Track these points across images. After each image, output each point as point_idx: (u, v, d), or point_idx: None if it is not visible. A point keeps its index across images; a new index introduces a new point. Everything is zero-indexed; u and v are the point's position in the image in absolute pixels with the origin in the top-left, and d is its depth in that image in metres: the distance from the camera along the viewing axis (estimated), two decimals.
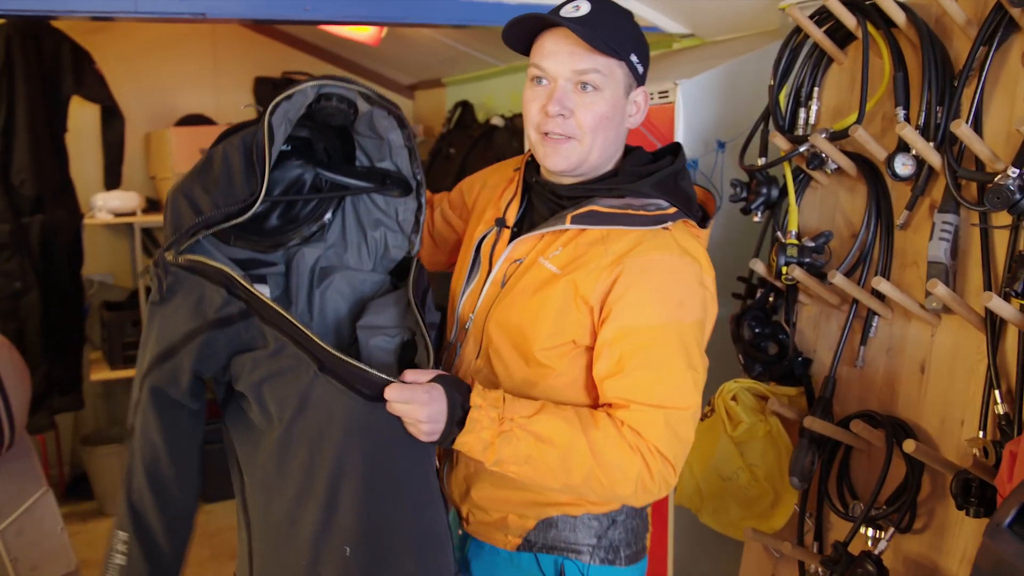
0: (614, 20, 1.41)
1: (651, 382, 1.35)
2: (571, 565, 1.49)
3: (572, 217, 1.42)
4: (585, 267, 1.39)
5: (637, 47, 1.43)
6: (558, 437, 1.33)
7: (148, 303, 1.39)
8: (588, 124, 1.40)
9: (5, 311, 3.84)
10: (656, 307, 1.37)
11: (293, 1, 2.38)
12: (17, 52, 3.68)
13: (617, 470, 1.33)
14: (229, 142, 1.44)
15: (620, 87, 1.42)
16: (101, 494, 4.20)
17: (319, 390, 1.32)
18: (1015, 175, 1.49)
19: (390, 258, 1.62)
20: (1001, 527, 1.03)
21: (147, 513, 1.39)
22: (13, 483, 2.37)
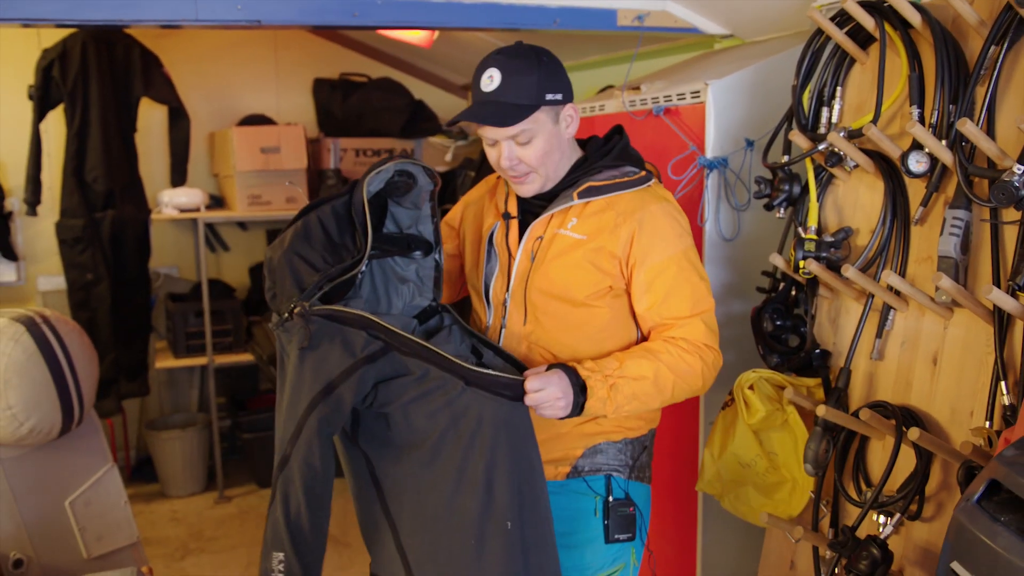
0: (522, 79, 1.70)
1: (682, 299, 1.74)
2: (615, 480, 1.83)
3: (577, 194, 1.77)
4: (605, 229, 1.75)
5: (549, 85, 1.72)
6: (645, 371, 1.69)
7: (295, 349, 1.58)
8: (535, 161, 1.75)
9: (78, 301, 4.07)
10: (667, 244, 1.75)
11: (342, 8, 2.51)
12: (92, 58, 3.89)
13: (689, 372, 1.71)
14: (321, 211, 1.72)
15: (548, 123, 1.74)
16: (164, 477, 4.40)
17: (467, 400, 1.59)
18: (1020, 172, 1.53)
19: (416, 306, 1.89)
20: (971, 502, 1.09)
21: (304, 529, 1.57)
22: (82, 458, 2.52)
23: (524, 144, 1.73)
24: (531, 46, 1.76)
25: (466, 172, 4.29)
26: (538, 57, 1.73)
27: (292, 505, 1.56)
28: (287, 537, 1.56)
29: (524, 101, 1.70)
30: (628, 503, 1.82)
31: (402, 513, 1.67)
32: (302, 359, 1.57)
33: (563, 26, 2.76)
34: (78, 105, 3.92)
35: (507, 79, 1.70)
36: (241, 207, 4.29)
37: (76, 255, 4.01)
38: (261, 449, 4.38)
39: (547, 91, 1.71)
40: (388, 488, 1.68)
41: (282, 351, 1.63)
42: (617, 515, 1.80)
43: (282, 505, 1.57)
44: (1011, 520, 1.04)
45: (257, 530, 4.00)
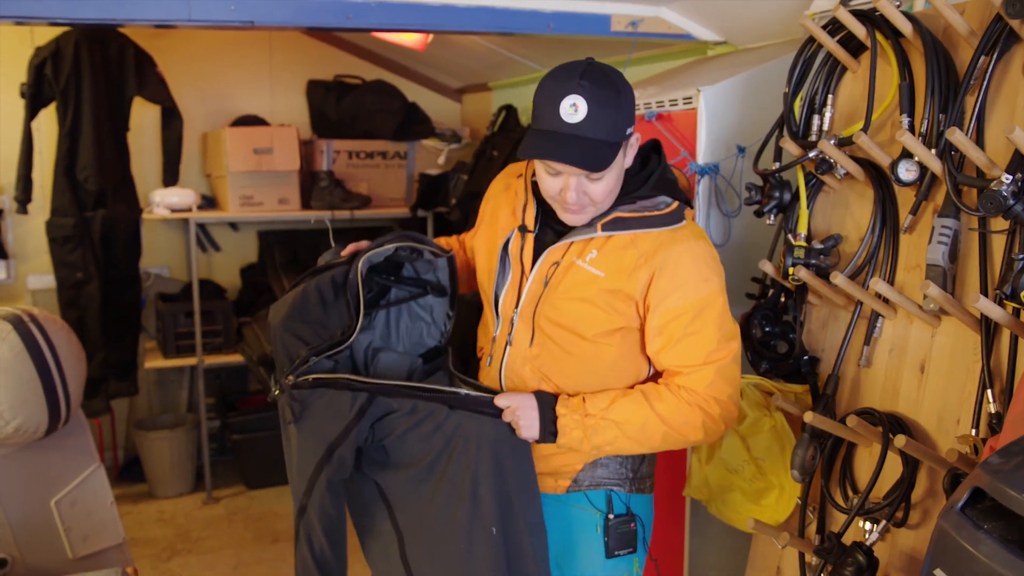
0: (609, 112, 1.57)
1: (696, 346, 1.68)
2: (615, 496, 1.81)
3: (602, 225, 1.69)
4: (625, 270, 1.68)
5: (629, 116, 1.62)
6: (632, 417, 1.67)
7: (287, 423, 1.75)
8: (600, 197, 1.66)
9: (68, 300, 4.06)
10: (687, 289, 1.67)
11: (335, 9, 2.52)
12: (85, 56, 3.89)
13: (685, 425, 1.67)
14: (320, 279, 1.82)
15: (620, 158, 1.65)
16: (152, 477, 4.39)
17: (455, 421, 1.70)
18: (1008, 181, 1.54)
19: (424, 344, 2.02)
20: (954, 510, 1.09)
21: (328, 562, 1.76)
22: (68, 457, 2.51)
23: (595, 180, 1.62)
24: (605, 68, 1.61)
25: (459, 175, 4.30)
26: (616, 87, 1.59)
27: (315, 545, 1.74)
28: (316, 570, 1.75)
29: (610, 138, 1.58)
30: (629, 518, 1.81)
31: (408, 524, 1.78)
32: (298, 430, 1.72)
33: (557, 31, 2.77)
34: (70, 104, 3.91)
35: (593, 112, 1.55)
36: (233, 208, 4.28)
37: (66, 254, 4.00)
38: (250, 450, 4.38)
39: (627, 125, 1.62)
40: (396, 505, 1.79)
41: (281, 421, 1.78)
42: (617, 532, 1.79)
43: (307, 545, 1.76)
44: (994, 528, 1.05)
45: (245, 531, 3.99)
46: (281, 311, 1.80)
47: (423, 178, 4.57)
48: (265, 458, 4.37)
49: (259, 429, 4.38)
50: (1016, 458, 1.11)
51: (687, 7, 2.79)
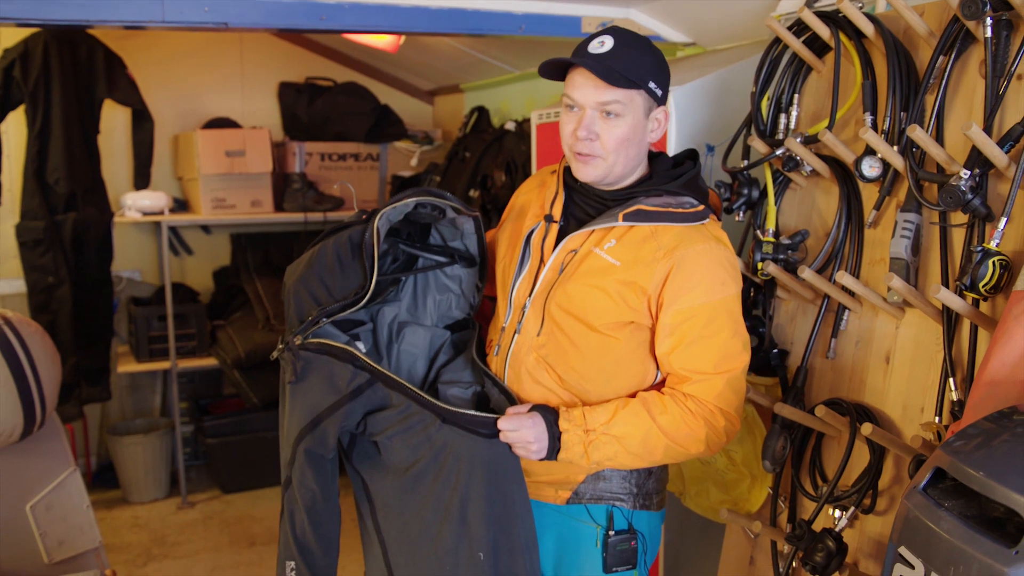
0: (634, 53, 1.62)
1: (708, 352, 1.64)
2: (618, 512, 1.76)
3: (624, 215, 1.66)
4: (642, 262, 1.64)
5: (656, 74, 1.64)
6: (634, 431, 1.62)
7: (285, 383, 1.69)
8: (611, 145, 1.64)
9: (38, 304, 4.02)
10: (703, 290, 1.63)
11: (309, 11, 2.53)
12: (54, 58, 3.86)
13: (688, 438, 1.63)
14: (338, 238, 1.75)
15: (640, 111, 1.64)
16: (126, 483, 4.36)
17: (445, 436, 1.65)
18: (967, 176, 1.60)
19: (451, 317, 1.94)
20: (917, 489, 1.14)
21: (309, 542, 1.69)
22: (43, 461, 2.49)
23: (608, 119, 1.62)
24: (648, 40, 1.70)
25: (431, 177, 4.32)
26: (650, 48, 1.66)
27: (297, 521, 1.68)
28: (295, 549, 1.68)
29: (631, 75, 1.59)
30: (630, 535, 1.75)
31: (390, 531, 1.74)
32: (291, 393, 1.68)
33: (528, 32, 2.80)
34: (39, 106, 3.88)
35: (620, 48, 1.60)
36: (205, 210, 4.27)
37: (37, 258, 3.96)
38: (225, 454, 4.36)
39: (653, 78, 1.63)
40: (379, 506, 1.76)
41: (281, 376, 1.72)
42: (617, 549, 1.74)
43: (288, 521, 1.69)
44: (954, 506, 1.09)
45: (221, 535, 3.98)
46: (297, 270, 1.75)
47: (396, 180, 4.59)
48: (240, 462, 4.35)
49: (234, 433, 4.36)
50: (975, 440, 1.16)
51: (656, 9, 2.84)
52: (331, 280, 1.72)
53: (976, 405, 1.42)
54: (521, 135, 3.72)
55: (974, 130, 1.52)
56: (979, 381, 1.44)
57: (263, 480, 4.37)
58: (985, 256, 1.54)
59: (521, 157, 3.60)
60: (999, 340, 1.42)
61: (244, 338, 4.33)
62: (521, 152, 3.63)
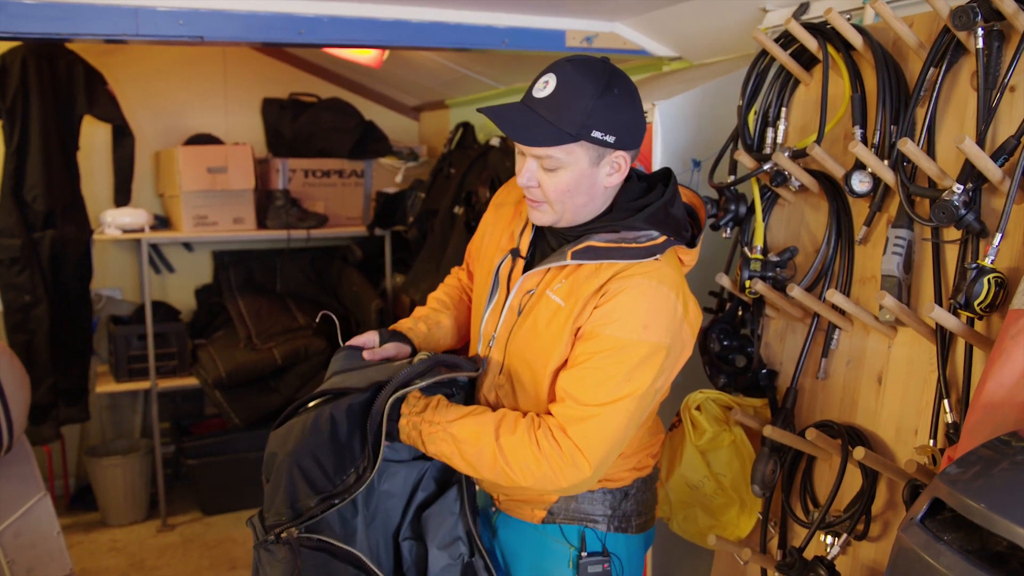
0: (574, 101, 1.47)
1: (592, 384, 1.51)
2: (590, 533, 1.72)
3: (572, 253, 1.57)
4: (581, 299, 1.55)
5: (602, 121, 1.49)
6: (472, 439, 1.53)
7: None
8: (553, 195, 1.55)
9: (15, 323, 3.94)
10: (621, 323, 1.50)
11: (287, 25, 2.48)
12: (32, 73, 3.80)
13: (522, 469, 1.51)
14: (336, 407, 1.59)
15: (583, 162, 1.52)
16: (104, 505, 4.27)
17: None
18: (959, 191, 1.55)
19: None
20: (914, 521, 1.08)
21: None
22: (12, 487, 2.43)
23: (549, 171, 1.53)
24: (614, 70, 1.52)
25: (416, 193, 4.27)
26: (608, 85, 1.48)
27: None
28: None
29: (565, 126, 1.47)
30: (603, 557, 1.70)
31: None
32: None
33: (512, 46, 2.76)
34: (17, 122, 3.82)
35: (559, 93, 1.47)
36: (187, 228, 4.21)
37: (13, 276, 3.89)
38: (206, 475, 4.28)
39: (596, 127, 1.48)
40: None
41: (257, 561, 1.59)
42: (588, 572, 1.69)
43: None
44: (954, 539, 1.03)
45: (201, 559, 3.89)
46: (288, 442, 1.58)
47: (380, 196, 4.53)
48: (221, 484, 4.27)
49: (215, 454, 4.28)
50: (974, 468, 1.11)
51: (642, 23, 2.80)
52: (326, 457, 1.56)
53: (973, 428, 1.36)
54: (506, 151, 3.68)
55: (967, 143, 1.47)
56: (976, 403, 1.39)
57: (245, 502, 4.28)
58: (980, 273, 1.49)
59: (506, 173, 3.56)
60: (996, 360, 1.37)
61: (226, 357, 4.25)
62: (506, 168, 3.58)
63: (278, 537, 1.53)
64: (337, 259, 4.83)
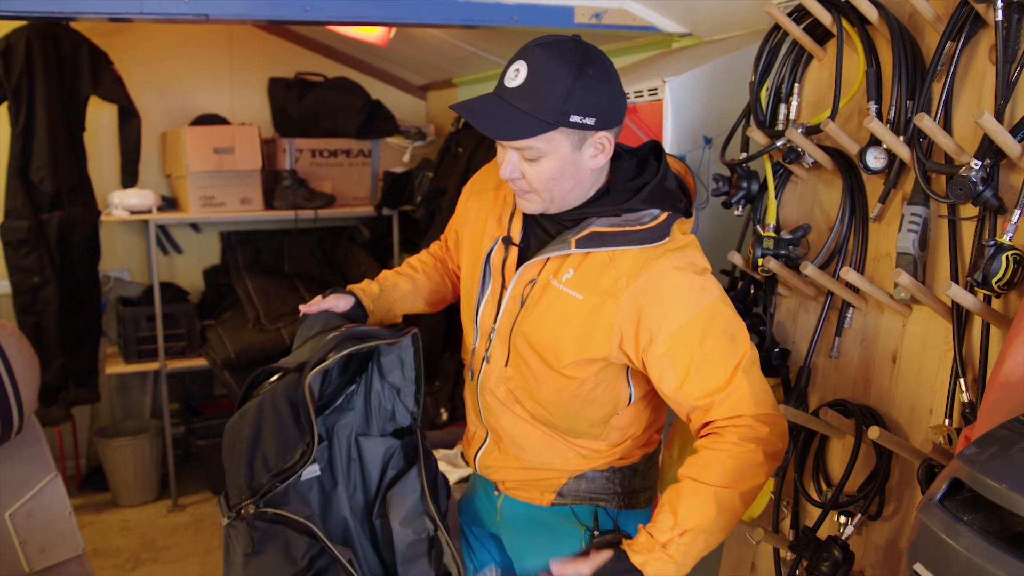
0: (549, 87, 1.42)
1: (714, 369, 1.50)
2: (602, 512, 1.72)
3: (576, 241, 1.52)
4: (605, 292, 1.51)
5: (580, 104, 1.43)
6: (703, 510, 1.47)
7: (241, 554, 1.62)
8: (538, 184, 1.51)
9: (24, 305, 3.95)
10: (681, 307, 1.49)
11: (294, 2, 2.45)
12: (37, 54, 3.78)
13: (750, 472, 1.49)
14: (275, 390, 1.68)
15: (564, 147, 1.47)
16: (115, 486, 4.29)
17: None
18: (977, 167, 1.52)
19: (396, 423, 1.85)
20: (933, 501, 1.07)
21: None
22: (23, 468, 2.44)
23: (531, 161, 1.48)
24: (587, 48, 1.45)
25: (424, 173, 4.25)
26: (581, 66, 1.42)
27: None
28: None
29: (541, 115, 1.42)
30: (616, 536, 1.69)
31: None
32: (247, 563, 1.62)
33: (519, 23, 2.73)
34: (23, 103, 3.80)
35: (532, 81, 1.42)
36: (194, 208, 4.20)
37: (21, 258, 3.89)
38: (216, 456, 4.25)
39: (574, 111, 1.43)
40: None
41: (227, 539, 1.67)
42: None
43: None
44: (974, 520, 1.02)
45: (212, 539, 3.91)
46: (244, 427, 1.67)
47: (388, 176, 4.51)
48: None
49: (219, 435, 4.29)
50: (993, 447, 1.09)
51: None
52: (274, 437, 1.65)
53: (991, 408, 1.34)
54: None
55: (986, 118, 1.45)
56: (993, 382, 1.37)
57: None
58: (998, 251, 1.46)
59: None
60: (1015, 339, 1.35)
61: (234, 338, 4.26)
62: None
63: (239, 514, 1.63)
64: (345, 239, 4.82)
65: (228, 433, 1.68)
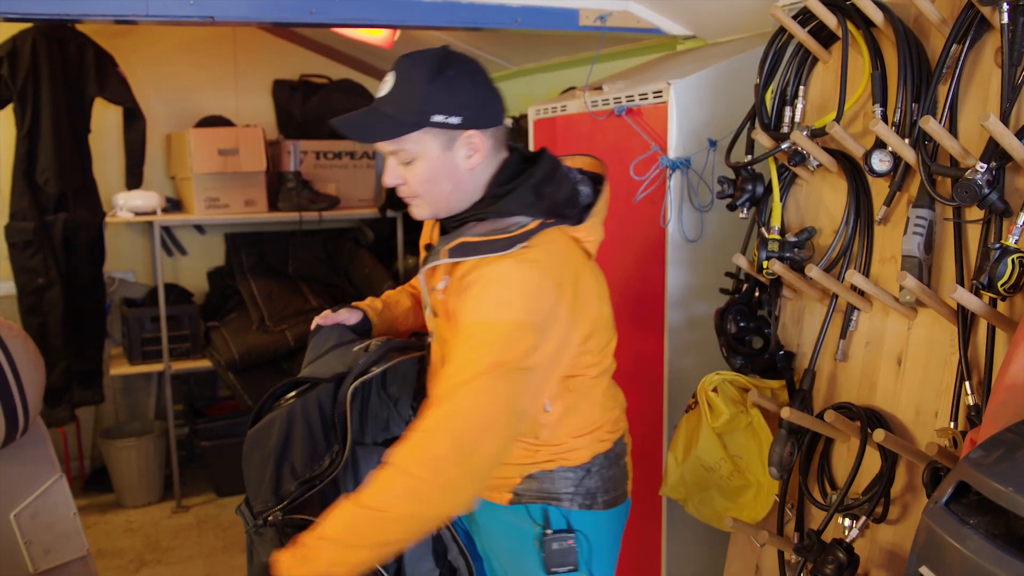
0: (411, 90, 1.51)
1: (457, 367, 1.46)
2: (554, 511, 1.72)
3: (448, 251, 1.56)
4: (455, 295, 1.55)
5: (442, 103, 1.51)
6: (344, 522, 1.44)
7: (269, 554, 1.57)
8: (418, 188, 1.59)
9: (29, 306, 3.96)
10: (478, 307, 1.49)
11: (299, 4, 2.46)
12: (43, 55, 3.79)
13: (393, 501, 1.41)
14: (306, 401, 1.72)
15: (434, 148, 1.55)
16: (119, 487, 4.30)
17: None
18: (983, 170, 1.52)
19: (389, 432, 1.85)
20: (939, 504, 1.07)
21: None
22: (28, 468, 2.44)
23: (407, 165, 1.57)
24: (448, 54, 1.54)
25: None
26: (441, 68, 1.51)
27: None
28: None
29: (405, 116, 1.51)
30: (567, 534, 1.71)
31: None
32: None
33: (524, 25, 2.73)
34: (28, 105, 3.81)
35: (396, 87, 1.53)
36: (199, 210, 4.20)
37: (26, 259, 3.90)
38: (220, 457, 4.30)
39: (437, 111, 1.50)
40: None
41: (250, 544, 1.72)
42: (552, 548, 1.70)
43: None
44: (980, 523, 1.02)
45: (215, 540, 3.91)
46: (271, 437, 1.70)
47: None
48: (235, 465, 4.21)
49: (228, 436, 4.30)
50: (999, 450, 1.09)
51: (656, 1, 2.76)
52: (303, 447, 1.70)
53: (996, 410, 1.34)
54: (518, 131, 3.65)
55: (992, 121, 1.44)
56: (999, 385, 1.37)
57: None
58: (1004, 253, 1.46)
59: None
60: (1020, 342, 1.35)
61: (238, 339, 4.26)
62: None
63: (266, 521, 1.67)
64: (349, 241, 4.83)
65: (250, 442, 1.72)
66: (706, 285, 2.34)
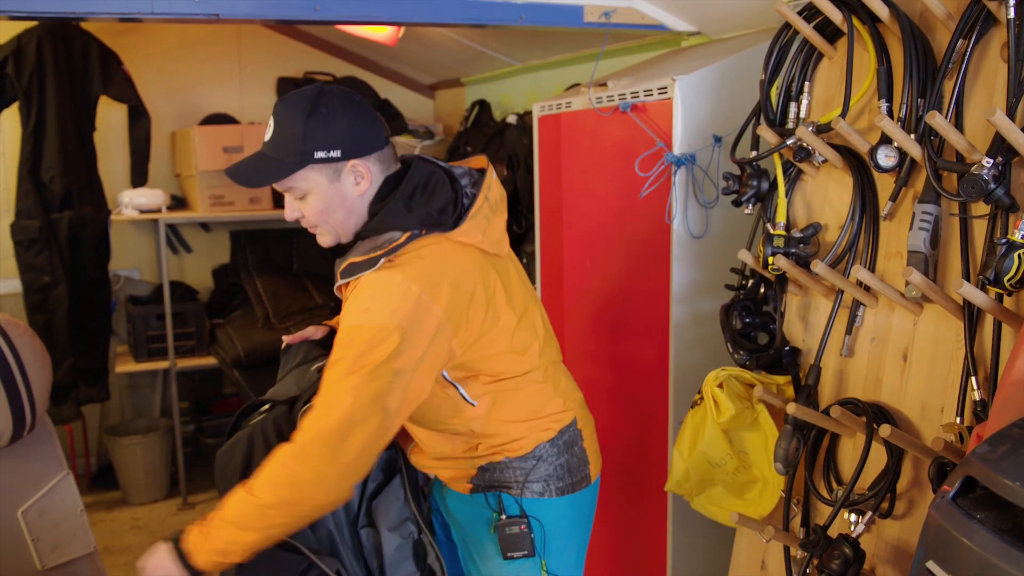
0: (287, 132, 1.60)
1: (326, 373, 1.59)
2: (508, 497, 1.80)
3: (340, 272, 1.67)
4: None
5: (319, 140, 1.59)
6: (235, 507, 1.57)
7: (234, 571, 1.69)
8: (314, 219, 1.68)
9: (34, 304, 3.97)
10: (347, 315, 1.60)
11: (304, 2, 2.46)
12: (48, 54, 3.80)
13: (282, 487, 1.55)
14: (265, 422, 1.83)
15: (322, 181, 1.64)
16: (125, 484, 4.31)
17: None
18: (989, 165, 1.52)
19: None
20: (946, 499, 1.07)
21: None
22: (35, 465, 2.44)
23: (300, 200, 1.66)
24: (320, 91, 1.62)
25: None
26: (315, 107, 1.59)
27: None
28: None
29: (289, 158, 1.60)
30: (520, 520, 1.78)
31: None
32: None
33: (529, 22, 2.73)
34: (34, 103, 3.82)
35: (276, 131, 1.62)
36: (203, 208, 4.21)
37: (32, 257, 3.91)
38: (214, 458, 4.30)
39: (317, 147, 1.59)
40: None
41: None
42: (506, 533, 1.78)
43: None
44: (987, 517, 1.02)
45: None
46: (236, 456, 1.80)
47: None
48: None
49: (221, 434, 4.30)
50: (1006, 445, 1.09)
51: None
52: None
53: (1002, 406, 1.34)
54: (523, 128, 3.65)
55: (998, 116, 1.44)
56: (1005, 381, 1.36)
57: None
58: (1010, 248, 1.46)
59: (523, 151, 3.53)
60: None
61: (244, 337, 4.27)
62: (523, 145, 3.56)
63: None
64: None
65: (219, 460, 1.81)
66: (711, 281, 2.34)
